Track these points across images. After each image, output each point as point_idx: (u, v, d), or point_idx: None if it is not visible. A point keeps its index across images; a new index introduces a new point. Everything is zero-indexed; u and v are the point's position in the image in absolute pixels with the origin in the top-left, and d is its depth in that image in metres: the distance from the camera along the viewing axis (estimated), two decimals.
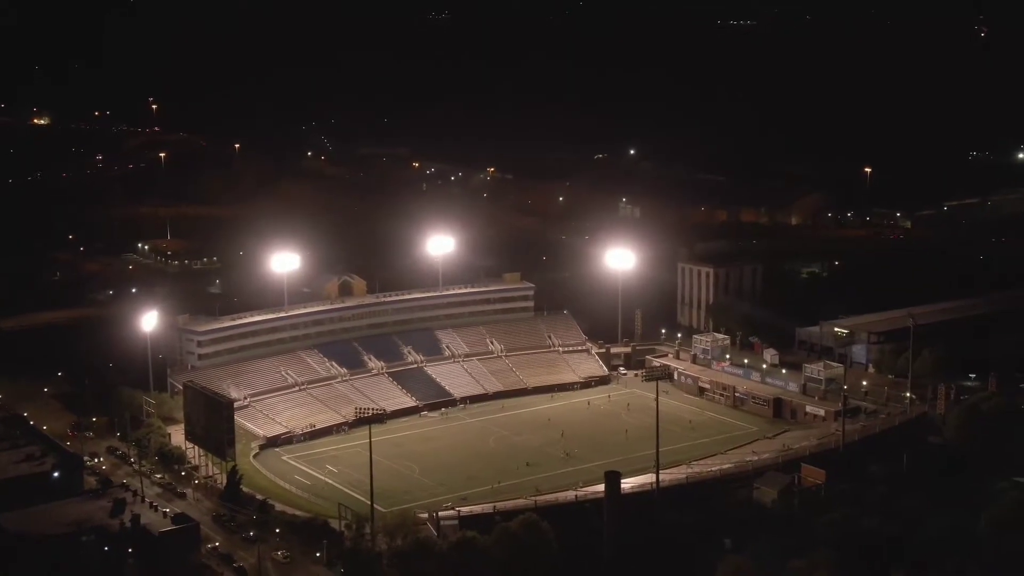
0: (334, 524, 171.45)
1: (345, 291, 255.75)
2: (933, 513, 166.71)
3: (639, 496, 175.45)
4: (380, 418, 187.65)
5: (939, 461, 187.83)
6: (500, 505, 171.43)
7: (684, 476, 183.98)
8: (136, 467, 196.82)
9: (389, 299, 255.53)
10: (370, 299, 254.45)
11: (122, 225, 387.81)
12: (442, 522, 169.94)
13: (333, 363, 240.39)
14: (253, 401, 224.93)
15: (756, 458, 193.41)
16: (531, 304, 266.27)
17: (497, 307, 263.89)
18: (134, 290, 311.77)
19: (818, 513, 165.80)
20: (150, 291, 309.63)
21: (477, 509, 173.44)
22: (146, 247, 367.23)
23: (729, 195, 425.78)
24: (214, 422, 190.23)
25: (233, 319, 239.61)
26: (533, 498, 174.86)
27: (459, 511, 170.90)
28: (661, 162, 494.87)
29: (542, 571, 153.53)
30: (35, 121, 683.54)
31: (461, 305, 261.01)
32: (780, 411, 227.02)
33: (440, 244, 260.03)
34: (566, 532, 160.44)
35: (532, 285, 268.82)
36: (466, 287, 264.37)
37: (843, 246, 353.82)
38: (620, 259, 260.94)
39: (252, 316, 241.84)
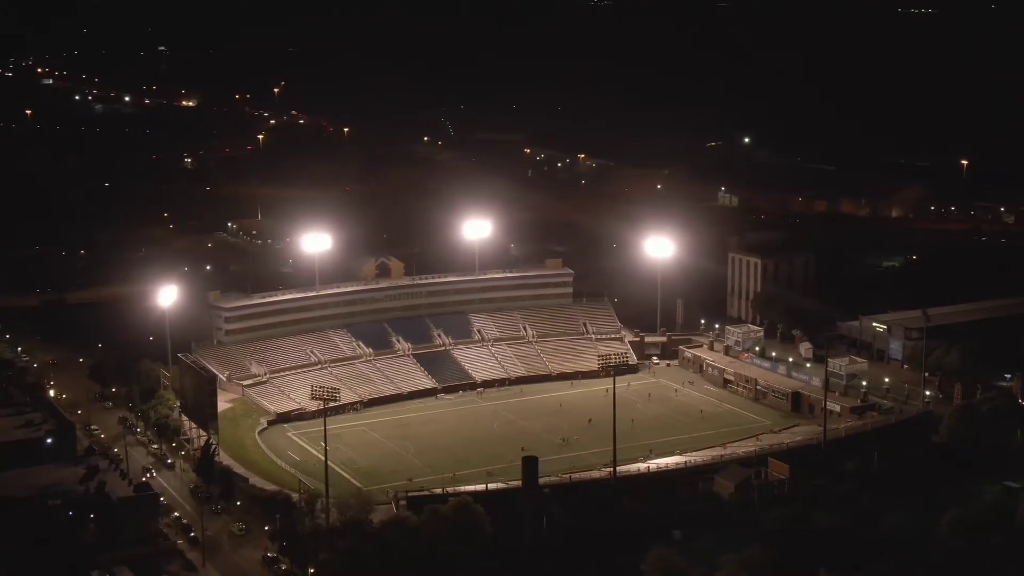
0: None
1: (382, 272, 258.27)
2: (892, 513, 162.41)
3: (595, 484, 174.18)
4: (335, 398, 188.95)
5: (925, 461, 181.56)
6: (451, 488, 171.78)
7: (646, 466, 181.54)
8: (133, 436, 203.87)
9: (422, 282, 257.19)
10: (404, 281, 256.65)
11: (219, 204, 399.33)
12: (400, 503, 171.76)
13: (360, 343, 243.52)
14: (272, 378, 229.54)
15: (743, 452, 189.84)
16: (569, 290, 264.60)
17: (534, 292, 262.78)
18: (208, 267, 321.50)
19: (772, 508, 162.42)
20: (223, 269, 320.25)
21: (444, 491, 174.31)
22: (234, 226, 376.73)
23: (831, 185, 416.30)
24: (200, 396, 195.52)
25: (263, 297, 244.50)
26: (485, 484, 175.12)
27: (407, 492, 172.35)
28: (779, 151, 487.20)
29: (471, 553, 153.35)
30: (183, 103, 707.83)
31: (496, 290, 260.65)
32: (798, 405, 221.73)
33: (477, 228, 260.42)
34: (514, 518, 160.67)
35: (571, 271, 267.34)
36: (502, 272, 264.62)
37: (928, 239, 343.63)
38: (659, 247, 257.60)
39: (281, 295, 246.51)
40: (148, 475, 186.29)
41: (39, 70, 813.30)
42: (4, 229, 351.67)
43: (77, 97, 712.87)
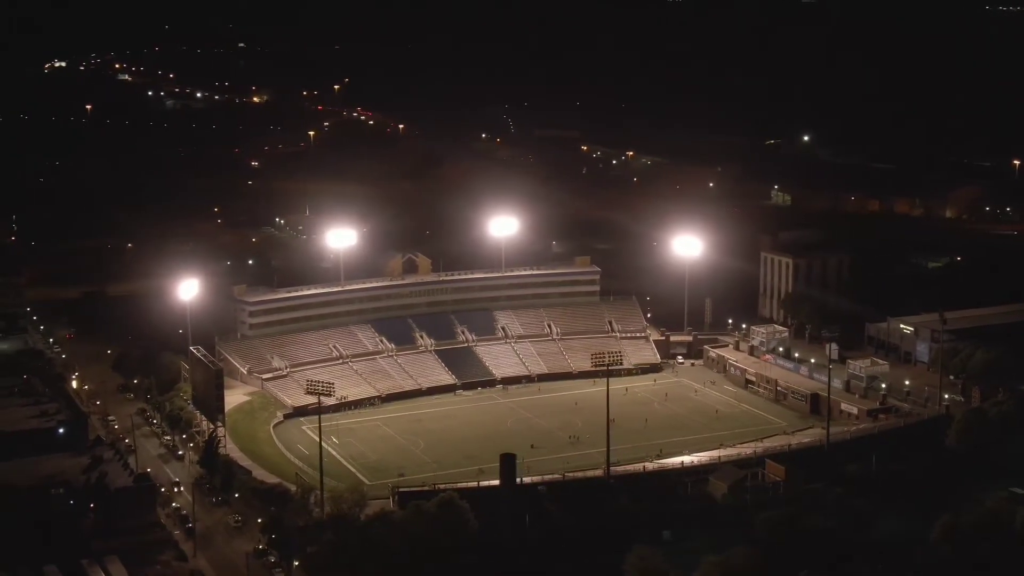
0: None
1: (409, 269, 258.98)
2: (888, 517, 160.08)
3: (589, 482, 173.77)
4: (329, 393, 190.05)
5: (931, 465, 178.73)
6: (442, 485, 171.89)
7: (642, 466, 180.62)
8: (149, 427, 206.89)
9: (448, 278, 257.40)
10: (429, 277, 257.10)
11: (271, 199, 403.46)
12: (397, 497, 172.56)
13: (383, 339, 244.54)
14: (293, 371, 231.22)
15: (745, 453, 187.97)
16: (596, 288, 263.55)
17: (560, 290, 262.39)
18: (250, 262, 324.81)
19: (762, 510, 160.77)
20: (265, 263, 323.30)
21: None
22: (282, 221, 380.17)
23: (889, 184, 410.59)
24: (208, 388, 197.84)
25: (289, 291, 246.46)
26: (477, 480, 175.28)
27: (398, 487, 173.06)
28: (840, 149, 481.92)
29: (454, 548, 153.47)
30: (254, 99, 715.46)
31: (522, 287, 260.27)
32: (817, 407, 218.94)
33: (503, 225, 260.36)
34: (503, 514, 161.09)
35: (598, 269, 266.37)
36: (528, 269, 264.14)
37: (977, 240, 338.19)
38: (687, 246, 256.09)
39: (306, 289, 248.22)
40: (176, 489, 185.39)
41: (116, 65, 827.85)
42: (54, 222, 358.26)
43: (150, 93, 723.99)
